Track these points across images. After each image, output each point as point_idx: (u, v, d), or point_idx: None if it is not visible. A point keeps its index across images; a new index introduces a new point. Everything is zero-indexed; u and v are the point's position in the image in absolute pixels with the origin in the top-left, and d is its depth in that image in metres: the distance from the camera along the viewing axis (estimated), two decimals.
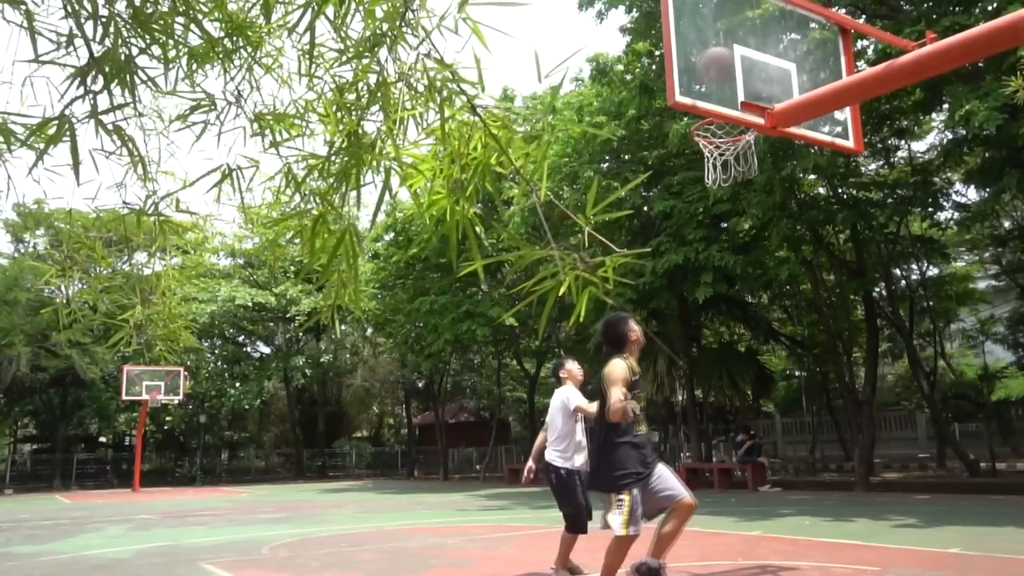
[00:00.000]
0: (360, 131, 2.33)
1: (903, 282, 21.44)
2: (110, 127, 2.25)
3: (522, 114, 21.18)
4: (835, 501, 13.07)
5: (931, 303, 21.92)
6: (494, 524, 11.01)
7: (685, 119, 13.56)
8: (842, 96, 4.39)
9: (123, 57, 2.16)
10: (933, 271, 22.03)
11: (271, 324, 34.92)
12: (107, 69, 2.12)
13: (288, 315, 31.40)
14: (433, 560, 7.25)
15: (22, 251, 31.78)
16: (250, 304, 31.11)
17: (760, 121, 4.30)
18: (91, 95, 2.12)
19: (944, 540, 7.62)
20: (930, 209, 16.53)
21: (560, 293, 2.23)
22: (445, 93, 2.20)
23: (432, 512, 13.75)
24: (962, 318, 25.11)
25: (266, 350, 37.08)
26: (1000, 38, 3.77)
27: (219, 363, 36.02)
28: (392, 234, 24.94)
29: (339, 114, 2.45)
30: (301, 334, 35.29)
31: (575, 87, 20.13)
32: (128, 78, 2.16)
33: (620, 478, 4.46)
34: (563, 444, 5.75)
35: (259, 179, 2.70)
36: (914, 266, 21.27)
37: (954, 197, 18.53)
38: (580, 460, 5.77)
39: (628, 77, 17.11)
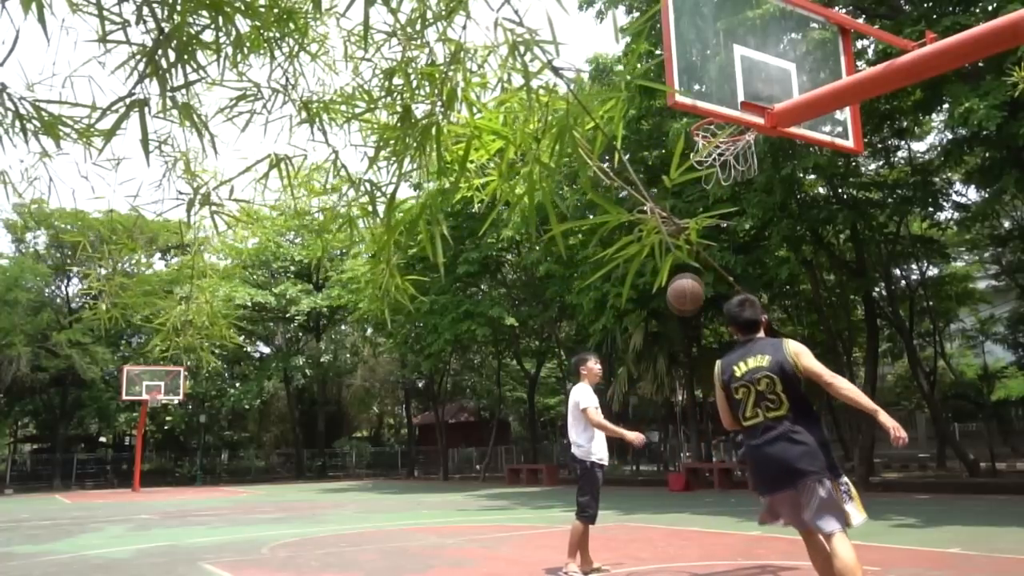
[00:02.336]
0: (411, 111, 2.30)
1: (903, 282, 21.44)
2: (175, 106, 2.22)
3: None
4: None
5: (931, 303, 21.92)
6: (494, 524, 11.01)
7: (685, 119, 13.55)
8: (842, 96, 4.39)
9: (187, 36, 2.14)
10: (933, 271, 22.04)
11: (271, 324, 34.93)
12: (174, 45, 2.10)
13: (288, 315, 31.39)
14: (433, 560, 7.25)
15: (22, 251, 31.80)
16: (249, 304, 31.12)
17: (760, 121, 4.30)
18: (160, 73, 2.10)
19: (944, 540, 7.63)
20: (930, 209, 16.53)
21: (643, 256, 2.17)
22: (528, 56, 2.14)
23: (432, 512, 13.75)
24: (962, 318, 25.12)
25: (266, 350, 37.09)
26: (1000, 38, 3.77)
27: (219, 363, 36.03)
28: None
29: (388, 98, 2.42)
30: (301, 334, 35.27)
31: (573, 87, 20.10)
32: (193, 55, 2.14)
33: (836, 461, 3.77)
34: (582, 438, 5.97)
35: (305, 169, 2.67)
36: (914, 266, 21.28)
37: (954, 197, 18.55)
38: (600, 451, 5.93)
39: (628, 77, 17.11)
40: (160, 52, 2.08)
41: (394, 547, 8.37)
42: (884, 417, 3.68)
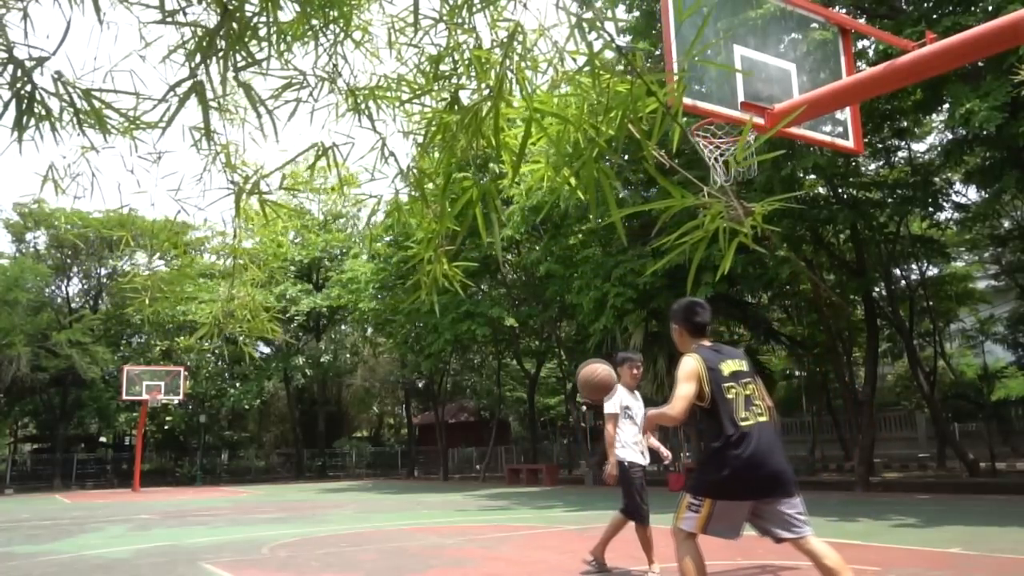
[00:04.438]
0: (459, 98, 2.29)
1: (903, 282, 21.44)
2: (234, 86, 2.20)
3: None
4: (835, 501, 13.07)
5: (931, 303, 21.92)
6: (494, 524, 11.01)
7: (685, 118, 13.55)
8: (842, 96, 4.39)
9: (242, 23, 2.13)
10: (933, 271, 22.03)
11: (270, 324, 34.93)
12: (223, 32, 2.09)
13: (288, 315, 31.38)
14: (433, 560, 7.25)
15: (22, 251, 31.80)
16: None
17: (760, 121, 4.30)
18: (220, 55, 2.08)
19: (944, 540, 7.63)
20: (930, 209, 16.53)
21: (707, 241, 2.15)
22: (593, 35, 2.08)
23: (432, 512, 13.75)
24: (962, 318, 25.12)
25: (266, 350, 37.10)
26: (1000, 38, 3.77)
27: (219, 363, 36.03)
28: (392, 235, 24.93)
29: (436, 84, 2.40)
30: (301, 334, 35.25)
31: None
32: (257, 35, 2.12)
33: None
34: (618, 441, 6.09)
35: (353, 156, 2.64)
36: (914, 266, 21.27)
37: (954, 197, 18.54)
38: (624, 452, 6.03)
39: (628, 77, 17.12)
40: (221, 32, 2.07)
41: (394, 547, 8.36)
42: None
